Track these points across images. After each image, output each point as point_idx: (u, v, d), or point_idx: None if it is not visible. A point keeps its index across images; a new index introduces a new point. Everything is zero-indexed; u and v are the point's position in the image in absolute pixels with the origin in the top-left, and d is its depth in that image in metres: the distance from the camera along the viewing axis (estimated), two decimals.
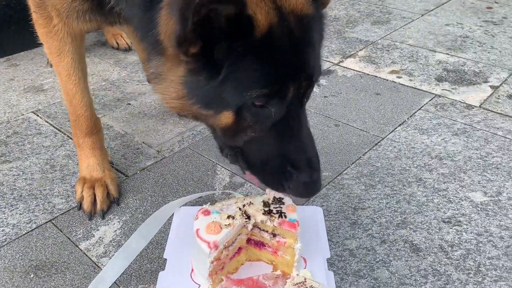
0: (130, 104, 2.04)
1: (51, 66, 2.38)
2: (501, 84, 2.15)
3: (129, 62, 2.44)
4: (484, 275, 1.22)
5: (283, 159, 1.00)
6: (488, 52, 2.47)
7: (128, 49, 2.54)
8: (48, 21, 1.27)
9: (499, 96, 2.06)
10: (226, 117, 0.97)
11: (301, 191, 1.04)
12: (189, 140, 1.78)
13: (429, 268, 1.24)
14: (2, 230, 1.38)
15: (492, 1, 3.23)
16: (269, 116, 0.96)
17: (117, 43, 2.56)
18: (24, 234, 1.37)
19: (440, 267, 1.25)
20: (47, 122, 1.92)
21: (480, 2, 3.21)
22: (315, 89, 2.14)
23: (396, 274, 1.23)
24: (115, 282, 1.21)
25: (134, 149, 1.74)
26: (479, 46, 2.55)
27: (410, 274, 1.23)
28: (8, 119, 1.95)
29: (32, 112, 2.00)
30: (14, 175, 1.61)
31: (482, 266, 1.25)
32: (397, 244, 1.32)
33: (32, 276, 1.23)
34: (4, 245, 1.33)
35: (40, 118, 1.96)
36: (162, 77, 0.98)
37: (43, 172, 1.62)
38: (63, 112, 1.98)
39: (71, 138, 1.79)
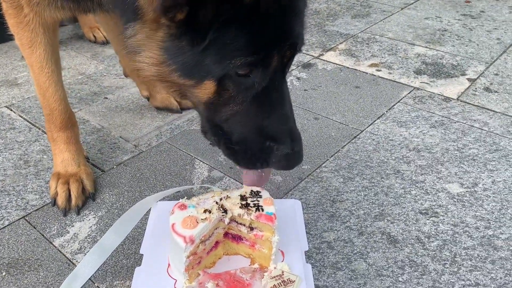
0: (107, 98, 2.01)
1: None
2: (478, 77, 2.18)
3: (107, 55, 2.40)
4: (460, 265, 1.24)
5: (265, 132, 0.98)
6: (466, 46, 2.50)
7: (105, 43, 2.49)
8: (18, 10, 1.22)
9: (476, 88, 2.09)
10: (208, 87, 0.94)
11: (284, 163, 1.02)
12: (167, 134, 1.76)
13: (406, 259, 1.25)
14: None
15: None
16: (252, 86, 0.94)
17: (94, 36, 2.51)
18: None
19: (416, 258, 1.26)
20: (21, 117, 1.87)
21: None
22: (295, 82, 2.14)
23: (374, 266, 1.23)
24: (90, 279, 1.19)
25: (111, 144, 1.71)
26: (457, 40, 2.57)
27: (387, 266, 1.23)
28: None
29: (6, 106, 1.95)
30: None
31: (458, 256, 1.26)
32: (374, 236, 1.32)
33: (4, 274, 1.20)
34: None
35: (14, 112, 1.91)
36: (140, 44, 0.94)
37: (16, 168, 1.59)
38: (38, 107, 1.94)
39: (45, 133, 1.75)
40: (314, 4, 3.11)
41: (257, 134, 1.00)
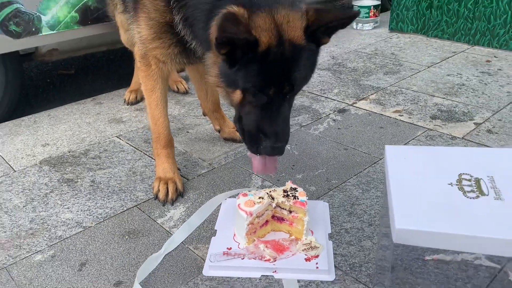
0: (188, 132, 2.69)
1: (127, 104, 3.09)
2: (483, 122, 2.66)
3: (187, 102, 3.12)
4: None
5: (260, 128, 1.56)
6: (479, 97, 2.99)
7: (185, 93, 3.22)
8: (148, 67, 1.93)
9: (479, 130, 2.57)
10: (237, 94, 1.56)
11: (267, 151, 1.58)
12: (232, 157, 2.38)
13: None
14: (103, 210, 2.00)
15: (492, 55, 3.77)
16: (258, 99, 1.52)
17: (177, 87, 3.25)
18: (118, 213, 1.98)
19: None
20: (128, 143, 2.58)
21: (481, 56, 3.75)
22: (331, 123, 2.72)
23: (377, 244, 1.73)
24: (182, 242, 1.78)
25: (193, 162, 2.36)
26: (471, 92, 3.07)
27: (387, 244, 1.73)
28: (99, 141, 2.62)
29: (116, 136, 2.68)
30: (107, 177, 2.25)
31: None
32: (380, 227, 1.83)
33: (126, 237, 1.83)
34: (107, 219, 1.94)
35: (122, 140, 2.62)
36: (210, 64, 1.60)
37: (128, 176, 2.26)
38: (139, 137, 2.64)
39: (146, 155, 2.43)
40: (353, 63, 3.73)
41: (256, 128, 1.58)
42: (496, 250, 1.05)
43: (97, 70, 4.46)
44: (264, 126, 1.55)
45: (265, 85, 1.49)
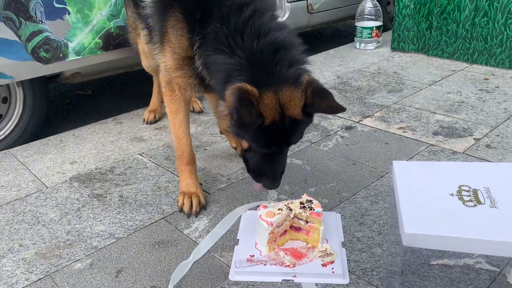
0: (206, 149, 2.87)
1: (147, 123, 3.29)
2: (482, 137, 2.84)
3: (202, 120, 3.31)
4: None
5: (261, 169, 1.88)
6: (477, 114, 3.17)
7: (201, 112, 3.42)
8: (172, 92, 2.13)
9: (479, 145, 2.74)
10: (245, 143, 1.84)
11: (265, 185, 1.91)
12: None
13: (409, 248, 1.91)
14: (133, 223, 2.17)
15: (489, 73, 3.97)
16: (262, 151, 1.82)
17: (192, 107, 3.45)
18: (147, 225, 2.15)
19: None
20: (150, 160, 2.76)
21: (479, 74, 3.95)
22: (339, 139, 2.91)
23: (386, 251, 1.90)
24: (208, 251, 1.95)
25: (212, 177, 2.53)
26: (471, 109, 3.25)
27: (396, 252, 1.89)
28: (123, 159, 2.81)
29: (139, 154, 2.86)
30: (134, 192, 2.43)
31: None
32: (389, 236, 2.00)
33: (157, 247, 2.00)
34: (137, 231, 2.11)
35: (145, 158, 2.81)
36: (222, 113, 1.85)
37: (153, 191, 2.43)
38: (160, 154, 2.83)
39: (168, 171, 2.62)
40: (358, 82, 3.93)
41: (258, 168, 1.89)
42: (490, 250, 1.22)
43: (113, 90, 4.67)
44: (265, 169, 1.87)
45: (268, 145, 1.80)
